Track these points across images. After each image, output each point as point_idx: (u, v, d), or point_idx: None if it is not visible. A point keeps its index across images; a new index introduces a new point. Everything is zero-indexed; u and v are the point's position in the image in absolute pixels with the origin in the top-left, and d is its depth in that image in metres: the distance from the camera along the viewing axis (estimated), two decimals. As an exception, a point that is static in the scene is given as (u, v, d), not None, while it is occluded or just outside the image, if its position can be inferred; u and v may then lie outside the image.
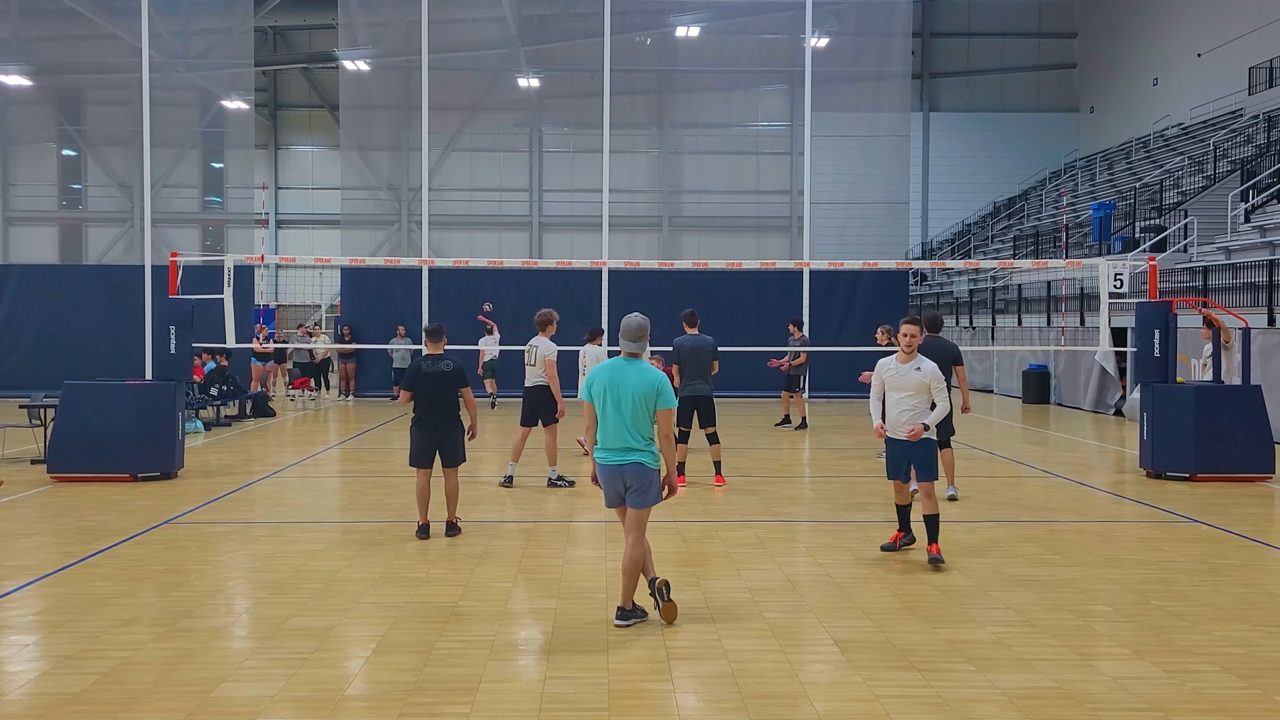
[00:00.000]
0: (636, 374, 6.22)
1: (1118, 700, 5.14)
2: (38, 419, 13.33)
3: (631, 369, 6.25)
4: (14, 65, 32.44)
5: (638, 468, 6.21)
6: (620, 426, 6.19)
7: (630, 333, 6.28)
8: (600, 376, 6.28)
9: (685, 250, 36.70)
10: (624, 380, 6.21)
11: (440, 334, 9.03)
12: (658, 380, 6.21)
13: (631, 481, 6.25)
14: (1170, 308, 12.40)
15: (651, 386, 6.18)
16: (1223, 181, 25.12)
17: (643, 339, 6.29)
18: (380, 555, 8.16)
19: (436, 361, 8.80)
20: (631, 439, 6.18)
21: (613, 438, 6.22)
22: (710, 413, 11.43)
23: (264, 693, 5.17)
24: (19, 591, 7.06)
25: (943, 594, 7.06)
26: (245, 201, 36.84)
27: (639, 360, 6.31)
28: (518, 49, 34.37)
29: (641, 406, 6.17)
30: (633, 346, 6.28)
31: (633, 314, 6.35)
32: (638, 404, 6.17)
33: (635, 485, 6.26)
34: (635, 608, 6.34)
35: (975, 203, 42.55)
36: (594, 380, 6.28)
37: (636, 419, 6.18)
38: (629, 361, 6.29)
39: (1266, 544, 8.76)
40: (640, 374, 6.22)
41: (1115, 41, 39.32)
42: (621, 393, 6.18)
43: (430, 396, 8.73)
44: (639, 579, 6.35)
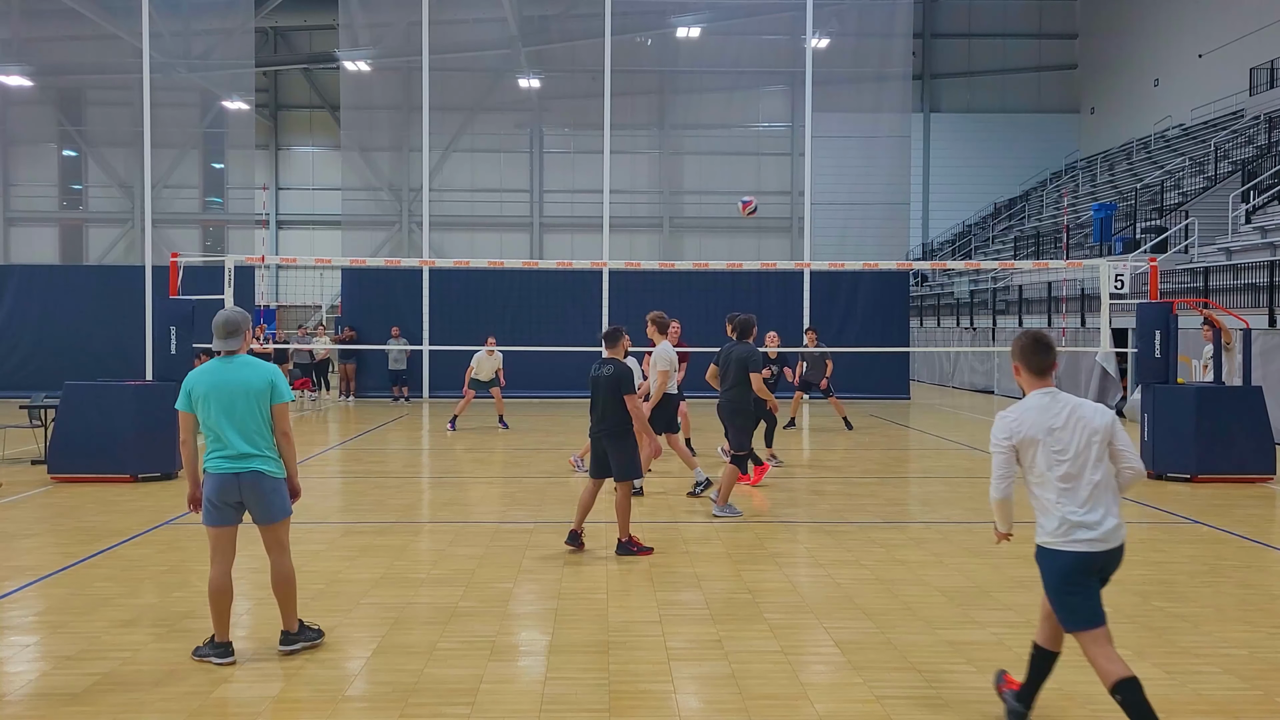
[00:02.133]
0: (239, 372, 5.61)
1: (1119, 701, 5.12)
2: (38, 419, 13.33)
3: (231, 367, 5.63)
4: (14, 65, 32.43)
5: (256, 476, 5.57)
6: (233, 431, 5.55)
7: (219, 329, 5.67)
8: (199, 381, 5.62)
9: (686, 251, 36.70)
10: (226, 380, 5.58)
11: (619, 337, 8.40)
12: (269, 375, 5.61)
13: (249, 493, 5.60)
14: (1171, 309, 12.40)
15: (265, 380, 5.58)
16: (1224, 182, 25.13)
17: (236, 335, 5.65)
18: (381, 556, 8.15)
19: (601, 365, 8.23)
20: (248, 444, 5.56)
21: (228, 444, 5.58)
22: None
23: (264, 693, 5.17)
24: (19, 592, 7.06)
25: (943, 595, 7.06)
26: (246, 202, 36.82)
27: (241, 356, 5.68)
28: (518, 50, 34.37)
29: (255, 406, 5.56)
30: (224, 344, 5.65)
31: (225, 310, 5.78)
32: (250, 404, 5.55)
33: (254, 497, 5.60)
34: (304, 628, 5.83)
35: (976, 203, 42.56)
36: (192, 386, 5.62)
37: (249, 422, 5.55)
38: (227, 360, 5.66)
39: (1267, 545, 8.76)
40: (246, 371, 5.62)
41: (1116, 42, 39.33)
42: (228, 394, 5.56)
43: (593, 401, 8.22)
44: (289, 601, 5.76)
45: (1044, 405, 4.54)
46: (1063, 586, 4.51)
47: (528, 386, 22.34)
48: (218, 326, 5.67)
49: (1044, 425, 4.49)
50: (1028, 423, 4.51)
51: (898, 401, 23.87)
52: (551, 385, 22.76)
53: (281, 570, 5.73)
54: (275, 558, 5.74)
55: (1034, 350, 4.60)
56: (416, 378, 23.72)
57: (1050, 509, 4.48)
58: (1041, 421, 4.49)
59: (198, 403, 5.58)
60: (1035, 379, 4.62)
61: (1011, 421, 4.55)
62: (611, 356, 8.30)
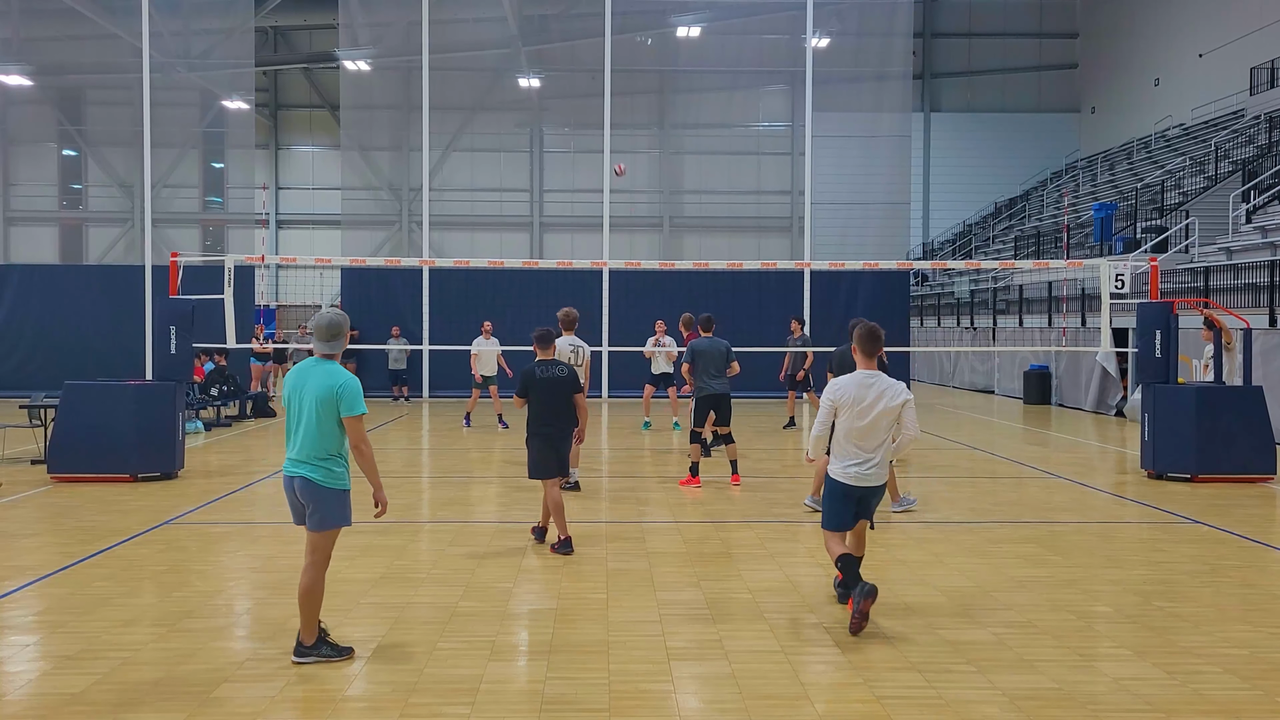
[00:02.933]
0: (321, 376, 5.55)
1: (1119, 701, 5.13)
2: (38, 419, 13.32)
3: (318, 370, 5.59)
4: (14, 65, 32.43)
5: (305, 483, 5.56)
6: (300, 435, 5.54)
7: (319, 330, 5.60)
8: (288, 380, 5.65)
9: (686, 251, 36.70)
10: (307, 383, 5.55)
11: (551, 338, 8.62)
12: (339, 385, 5.49)
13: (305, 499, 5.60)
14: (1171, 308, 12.39)
15: (332, 390, 5.48)
16: (1224, 182, 25.12)
17: (337, 338, 5.59)
18: (381, 556, 8.15)
19: (550, 367, 8.43)
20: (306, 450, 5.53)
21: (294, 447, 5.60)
22: (727, 413, 11.46)
23: (264, 693, 5.17)
24: (19, 591, 7.06)
25: (944, 595, 7.05)
26: (246, 201, 36.84)
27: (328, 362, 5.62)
28: (518, 49, 34.36)
29: (324, 413, 5.48)
30: (326, 347, 5.61)
31: (327, 311, 5.71)
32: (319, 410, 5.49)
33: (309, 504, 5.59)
34: (323, 642, 5.67)
35: (976, 203, 42.55)
36: (286, 383, 5.65)
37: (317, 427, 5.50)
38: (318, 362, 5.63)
39: (1268, 545, 8.75)
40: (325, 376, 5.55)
41: (1116, 42, 39.32)
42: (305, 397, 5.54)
43: (545, 402, 8.34)
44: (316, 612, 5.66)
45: (863, 381, 6.28)
46: (833, 501, 6.44)
47: (527, 386, 22.26)
48: (319, 328, 5.56)
49: (858, 395, 6.25)
50: (849, 391, 6.28)
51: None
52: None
53: (309, 579, 5.58)
54: (306, 564, 5.62)
55: (868, 339, 6.37)
56: (416, 377, 23.71)
57: (843, 452, 6.32)
58: (857, 393, 6.25)
59: (287, 401, 5.62)
60: (865, 360, 6.36)
61: (838, 388, 6.33)
62: (550, 357, 8.54)
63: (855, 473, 6.29)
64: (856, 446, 6.27)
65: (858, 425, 6.24)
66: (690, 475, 11.53)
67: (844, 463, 6.32)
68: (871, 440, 6.25)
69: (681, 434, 16.03)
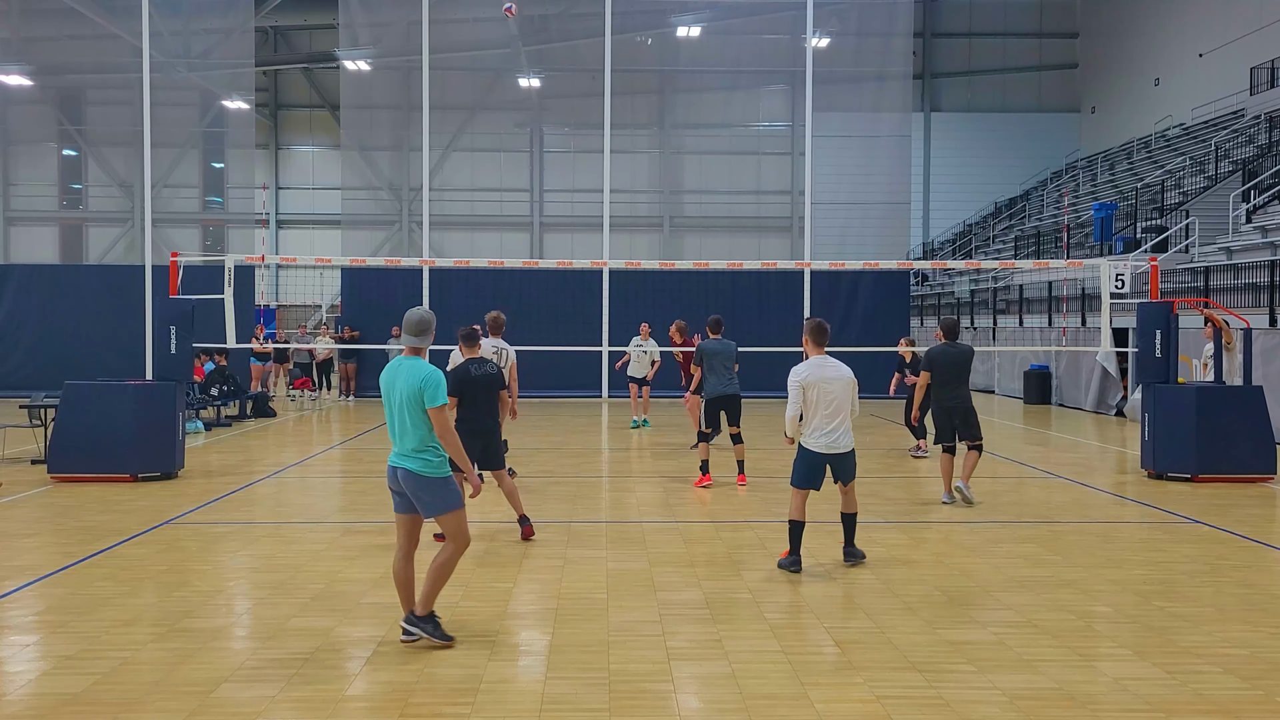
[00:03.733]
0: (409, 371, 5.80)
1: (1119, 701, 5.13)
2: (38, 419, 13.33)
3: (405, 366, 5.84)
4: (14, 65, 32.44)
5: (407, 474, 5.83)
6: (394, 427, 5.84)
7: (409, 327, 5.86)
8: (382, 378, 5.92)
9: (686, 250, 36.70)
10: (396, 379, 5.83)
11: (477, 338, 9.02)
12: (422, 378, 5.73)
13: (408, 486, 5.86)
14: (1172, 308, 12.39)
15: (418, 383, 5.72)
16: (1224, 182, 25.11)
17: (425, 334, 5.85)
18: (381, 556, 8.14)
19: (482, 365, 8.77)
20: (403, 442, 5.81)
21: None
22: (737, 413, 11.47)
23: (264, 693, 5.17)
24: (19, 591, 7.06)
25: (944, 594, 7.05)
26: (246, 201, 36.84)
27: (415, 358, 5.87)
28: (518, 49, 34.37)
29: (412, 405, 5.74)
30: (414, 342, 5.86)
31: (417, 308, 5.98)
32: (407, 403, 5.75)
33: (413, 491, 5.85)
34: (434, 619, 5.94)
35: (976, 203, 42.54)
36: (382, 379, 5.92)
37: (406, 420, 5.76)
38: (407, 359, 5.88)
39: (1268, 545, 8.75)
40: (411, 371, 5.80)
41: (1117, 42, 39.31)
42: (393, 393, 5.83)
43: (479, 400, 8.61)
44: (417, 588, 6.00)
45: (821, 363, 7.58)
46: (806, 466, 7.63)
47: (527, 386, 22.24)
48: (409, 323, 5.84)
49: (821, 376, 7.49)
50: (814, 373, 7.49)
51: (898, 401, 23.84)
52: (551, 385, 22.74)
53: (444, 555, 5.92)
54: (445, 542, 5.98)
55: (819, 332, 7.68)
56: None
57: (814, 425, 7.51)
58: (820, 374, 7.50)
59: (384, 397, 5.89)
60: (817, 349, 7.65)
61: (804, 372, 7.51)
62: (477, 356, 8.85)
63: (826, 442, 7.50)
64: (824, 419, 7.47)
65: (824, 401, 7.44)
66: (701, 474, 11.52)
67: (816, 435, 7.51)
68: (836, 414, 7.48)
69: (640, 431, 16.67)
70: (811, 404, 7.44)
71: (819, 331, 7.68)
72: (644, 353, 17.08)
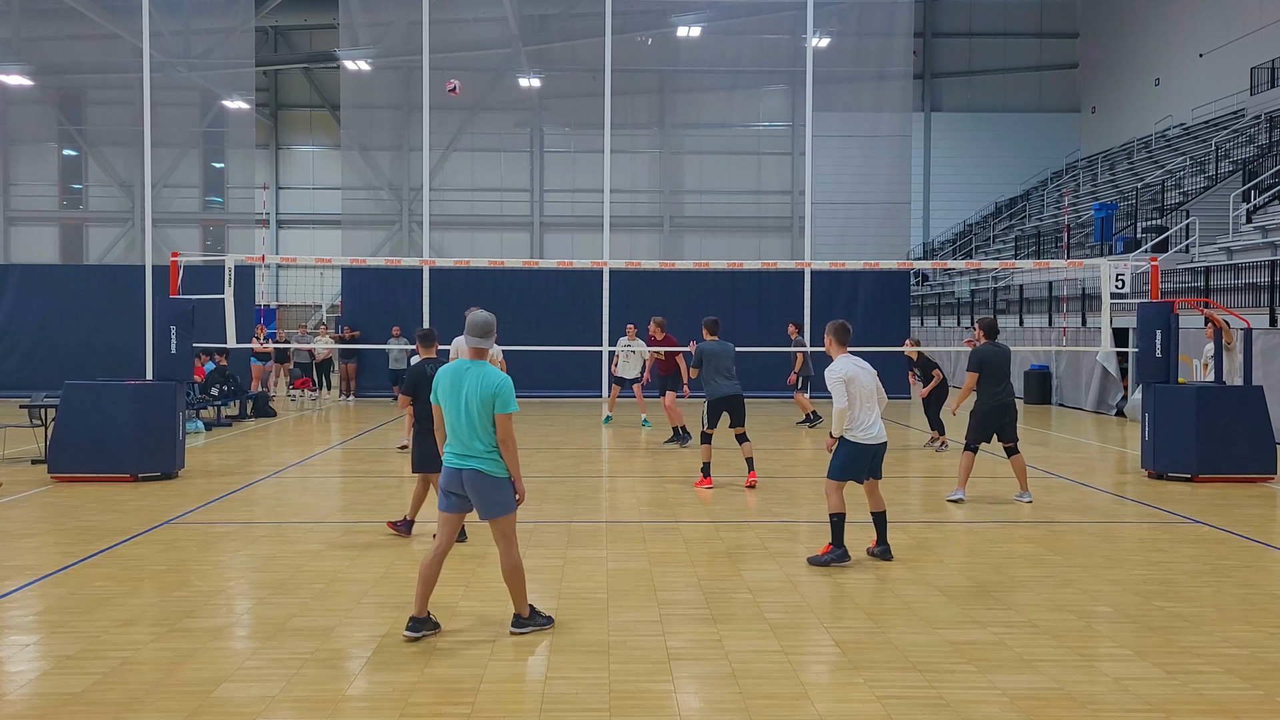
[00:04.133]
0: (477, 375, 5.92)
1: (1119, 701, 5.13)
2: (38, 419, 13.32)
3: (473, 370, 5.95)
4: (14, 65, 32.43)
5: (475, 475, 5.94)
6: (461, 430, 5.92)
7: (474, 327, 5.96)
8: (442, 379, 6.00)
9: (686, 250, 36.70)
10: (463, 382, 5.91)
11: (434, 338, 9.06)
12: (496, 384, 5.88)
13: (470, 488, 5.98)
14: (1172, 308, 12.39)
15: (491, 390, 5.86)
16: (1224, 182, 25.11)
17: (489, 336, 5.98)
18: (381, 555, 8.15)
19: (438, 364, 8.72)
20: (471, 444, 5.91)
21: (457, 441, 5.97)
22: (741, 413, 11.45)
23: (264, 693, 5.17)
24: (19, 591, 7.06)
25: (944, 594, 7.05)
26: (246, 201, 36.83)
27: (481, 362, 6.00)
28: (519, 49, 34.36)
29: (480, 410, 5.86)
30: (480, 343, 5.98)
31: (480, 310, 6.07)
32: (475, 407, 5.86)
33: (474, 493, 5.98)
34: (535, 614, 6.17)
35: (977, 203, 42.54)
36: (437, 382, 6.02)
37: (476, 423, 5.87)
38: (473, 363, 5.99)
39: (1268, 545, 8.75)
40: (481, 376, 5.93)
41: (1117, 41, 39.31)
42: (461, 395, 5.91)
43: None
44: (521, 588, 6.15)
45: (854, 361, 7.90)
46: (850, 459, 7.86)
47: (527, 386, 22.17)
48: (477, 325, 5.95)
49: (858, 371, 7.82)
50: (851, 369, 7.81)
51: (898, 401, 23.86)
52: (552, 385, 22.74)
53: (508, 560, 6.06)
54: (500, 549, 6.08)
55: (843, 332, 8.05)
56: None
57: (858, 419, 7.77)
58: (857, 370, 7.82)
59: (440, 398, 6.00)
60: (842, 348, 8.01)
61: (844, 368, 7.80)
62: (433, 356, 8.85)
63: (872, 434, 7.77)
64: (866, 412, 7.76)
65: (863, 395, 7.74)
66: (702, 475, 11.51)
67: (865, 428, 7.75)
68: (876, 405, 7.80)
69: (641, 430, 16.82)
70: (854, 399, 7.69)
71: (844, 331, 8.04)
72: (632, 353, 17.13)
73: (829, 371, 7.80)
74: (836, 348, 7.97)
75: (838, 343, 7.99)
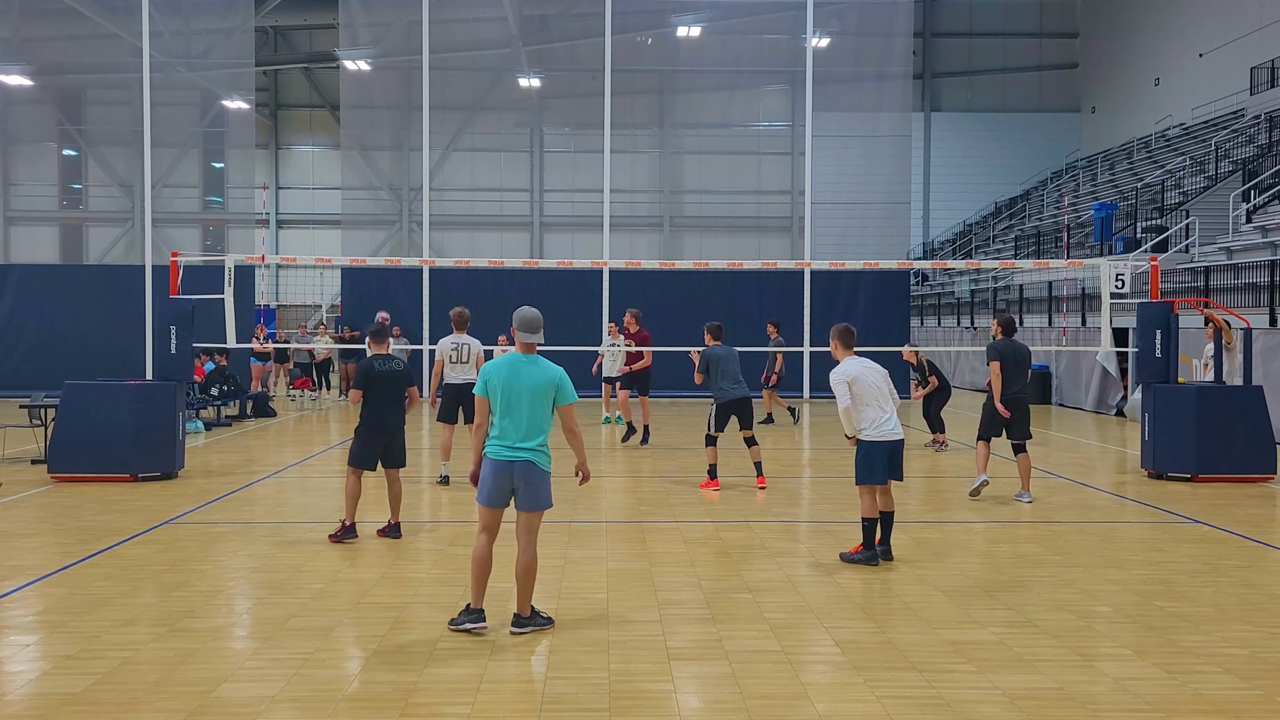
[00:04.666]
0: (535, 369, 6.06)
1: (1119, 701, 5.13)
2: (38, 419, 13.32)
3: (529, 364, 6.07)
4: (14, 65, 32.42)
5: (528, 466, 6.02)
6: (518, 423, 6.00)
7: (526, 323, 6.09)
8: (496, 372, 6.04)
9: (686, 250, 36.68)
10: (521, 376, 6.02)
11: (385, 334, 8.97)
12: (557, 376, 6.05)
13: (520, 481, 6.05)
14: (1172, 308, 12.39)
15: (551, 382, 6.02)
16: (1224, 182, 25.11)
17: (540, 331, 6.10)
18: (381, 556, 8.15)
19: (387, 361, 8.66)
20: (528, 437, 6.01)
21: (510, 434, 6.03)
22: (750, 416, 11.44)
23: (264, 693, 5.16)
24: (19, 591, 7.06)
25: (944, 594, 7.06)
26: (246, 201, 36.83)
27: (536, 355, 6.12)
28: (519, 49, 34.35)
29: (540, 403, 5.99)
30: (532, 338, 6.09)
31: (527, 306, 6.20)
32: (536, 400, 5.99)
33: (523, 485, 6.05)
34: (535, 614, 6.20)
35: (976, 203, 42.55)
36: (490, 376, 6.04)
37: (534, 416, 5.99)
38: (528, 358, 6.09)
39: (1268, 545, 8.75)
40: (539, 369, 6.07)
41: (1117, 41, 39.31)
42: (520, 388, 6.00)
43: (384, 397, 8.59)
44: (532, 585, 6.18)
45: (859, 361, 7.97)
46: (870, 460, 7.84)
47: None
48: (528, 321, 6.07)
49: (863, 369, 7.88)
50: (855, 369, 7.86)
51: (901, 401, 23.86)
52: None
53: (529, 557, 6.08)
54: (525, 543, 6.08)
55: (848, 335, 8.12)
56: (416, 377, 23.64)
57: (870, 418, 7.79)
58: (862, 368, 7.88)
59: (493, 392, 5.98)
60: (847, 351, 8.05)
61: (848, 369, 7.86)
62: (385, 353, 8.73)
63: (885, 430, 7.76)
64: (879, 408, 7.78)
65: (871, 393, 7.77)
66: (709, 478, 11.48)
67: (877, 425, 7.77)
68: (888, 401, 7.83)
69: (613, 428, 16.98)
70: (860, 398, 7.74)
71: (848, 334, 8.13)
72: (618, 350, 17.11)
73: (833, 373, 7.88)
74: (842, 350, 8.05)
75: (843, 345, 8.06)
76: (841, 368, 7.90)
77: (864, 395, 7.77)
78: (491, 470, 6.04)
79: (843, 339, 8.11)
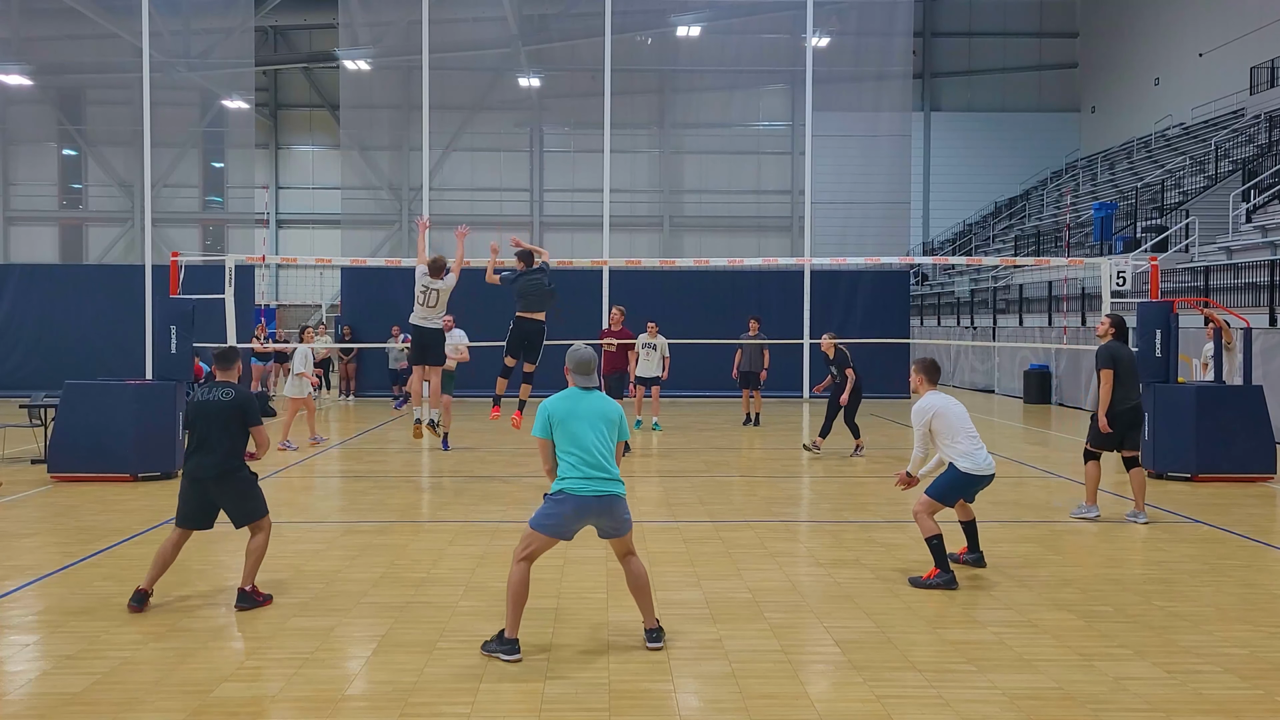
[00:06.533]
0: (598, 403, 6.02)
1: (1119, 701, 5.13)
2: (38, 419, 13.32)
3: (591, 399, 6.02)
4: (14, 65, 32.43)
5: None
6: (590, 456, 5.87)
7: (581, 366, 6.01)
8: (563, 409, 5.93)
9: (686, 250, 36.67)
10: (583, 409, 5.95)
11: (234, 359, 7.08)
12: (620, 410, 6.06)
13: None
14: (1172, 308, 12.38)
15: (615, 416, 6.00)
16: (1224, 181, 25.12)
17: (591, 374, 6.02)
18: (381, 555, 8.15)
19: (213, 389, 6.74)
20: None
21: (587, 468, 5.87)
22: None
23: (264, 693, 5.17)
24: (19, 591, 7.06)
25: (944, 594, 7.06)
26: (246, 201, 36.82)
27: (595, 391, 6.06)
28: (518, 48, 34.36)
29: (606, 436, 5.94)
30: (586, 381, 6.00)
31: (581, 345, 6.09)
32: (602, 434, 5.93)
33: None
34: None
35: (976, 203, 42.55)
36: (556, 414, 5.90)
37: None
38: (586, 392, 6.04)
39: (1268, 544, 8.75)
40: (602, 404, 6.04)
41: (1117, 41, 39.32)
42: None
43: (204, 435, 6.66)
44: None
45: (944, 396, 7.63)
46: (954, 486, 7.50)
47: (528, 385, 22.29)
48: (582, 364, 6.00)
49: (948, 403, 7.54)
50: (940, 407, 7.50)
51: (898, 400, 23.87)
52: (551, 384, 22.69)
53: (641, 568, 6.02)
54: (633, 562, 6.01)
55: (933, 370, 7.77)
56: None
57: (963, 449, 7.39)
58: (947, 403, 7.54)
59: (556, 424, 5.88)
60: (931, 385, 7.74)
61: (929, 408, 7.50)
62: (228, 380, 6.88)
63: (982, 461, 7.40)
64: (969, 439, 7.41)
65: (958, 425, 7.42)
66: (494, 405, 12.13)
67: (969, 455, 7.38)
68: (973, 432, 7.48)
69: (643, 431, 16.85)
70: (949, 431, 7.35)
71: (934, 370, 7.75)
72: (653, 350, 17.02)
73: (915, 408, 7.56)
74: (926, 385, 7.66)
75: (928, 380, 7.67)
76: (923, 402, 7.54)
77: (954, 427, 7.37)
78: (575, 506, 5.75)
79: (928, 374, 7.69)
